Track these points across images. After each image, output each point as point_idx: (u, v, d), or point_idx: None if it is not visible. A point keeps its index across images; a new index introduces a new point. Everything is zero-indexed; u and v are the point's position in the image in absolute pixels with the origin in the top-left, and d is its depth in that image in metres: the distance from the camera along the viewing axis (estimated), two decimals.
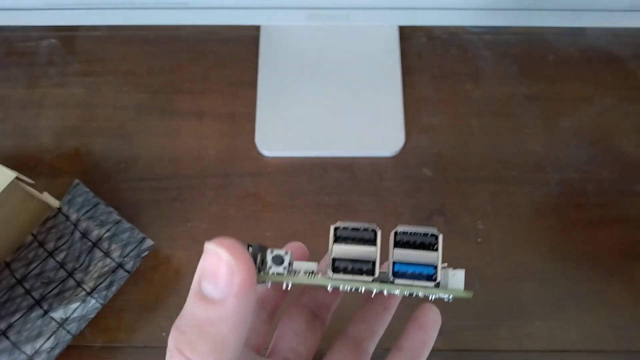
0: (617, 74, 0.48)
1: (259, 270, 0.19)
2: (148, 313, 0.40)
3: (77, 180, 0.43)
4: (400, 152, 0.45)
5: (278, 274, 0.18)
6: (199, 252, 0.21)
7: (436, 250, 0.19)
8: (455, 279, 0.19)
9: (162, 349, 0.22)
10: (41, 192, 0.40)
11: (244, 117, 0.46)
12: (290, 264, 0.19)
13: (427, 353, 0.26)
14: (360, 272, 0.18)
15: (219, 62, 0.49)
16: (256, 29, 0.49)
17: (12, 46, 0.50)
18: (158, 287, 0.41)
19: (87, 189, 0.43)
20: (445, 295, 0.19)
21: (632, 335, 0.39)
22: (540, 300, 0.40)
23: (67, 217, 0.41)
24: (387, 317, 0.27)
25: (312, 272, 0.19)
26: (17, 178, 0.37)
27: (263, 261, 0.19)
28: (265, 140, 0.45)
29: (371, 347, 0.27)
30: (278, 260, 0.18)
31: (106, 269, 0.40)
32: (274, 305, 0.26)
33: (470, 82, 0.48)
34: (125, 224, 0.41)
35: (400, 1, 0.46)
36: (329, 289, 0.19)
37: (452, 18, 0.48)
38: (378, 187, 0.44)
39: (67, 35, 0.50)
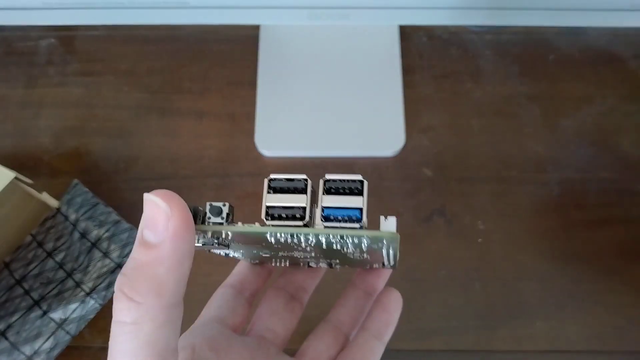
0: (618, 74, 0.48)
1: (203, 222, 0.20)
2: None
3: (76, 180, 0.43)
4: (401, 152, 0.45)
5: (216, 223, 0.20)
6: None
7: (362, 195, 0.20)
8: (387, 224, 0.20)
9: None
10: (40, 192, 0.40)
11: (244, 117, 0.46)
12: (228, 215, 0.20)
13: (390, 331, 0.27)
14: (292, 218, 0.20)
15: (218, 61, 0.49)
16: (256, 28, 0.49)
17: (11, 46, 0.50)
18: None
19: (86, 189, 0.42)
20: (377, 244, 0.20)
21: (633, 335, 0.39)
22: (540, 300, 0.40)
23: (66, 217, 0.41)
24: (368, 303, 0.28)
25: (253, 224, 0.20)
26: (16, 178, 0.37)
27: (206, 214, 0.20)
28: (265, 140, 0.45)
29: (351, 332, 0.28)
30: (216, 211, 0.20)
31: (105, 269, 0.40)
32: (252, 290, 0.28)
33: (470, 82, 0.48)
34: (125, 224, 0.41)
35: (400, 0, 0.46)
36: (269, 238, 0.20)
37: (453, 17, 0.48)
38: (378, 187, 0.44)
39: (67, 35, 0.50)
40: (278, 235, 0.20)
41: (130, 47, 0.50)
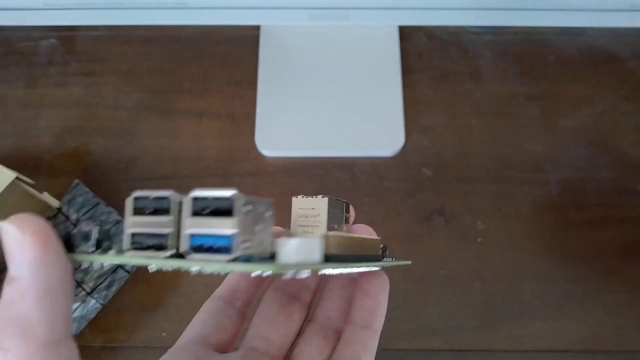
0: (617, 74, 0.48)
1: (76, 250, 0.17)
2: (148, 313, 0.40)
3: (77, 181, 0.43)
4: (400, 152, 0.45)
5: (84, 252, 0.17)
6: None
7: (232, 215, 0.15)
8: (288, 249, 0.15)
9: (162, 349, 0.22)
10: (41, 192, 0.40)
11: (244, 117, 0.46)
12: (100, 241, 0.17)
13: (380, 320, 0.24)
14: (158, 247, 0.16)
15: (218, 62, 0.49)
16: (256, 28, 0.49)
17: (12, 46, 0.50)
18: (158, 288, 0.41)
19: (87, 189, 0.43)
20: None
21: (632, 335, 0.39)
22: (540, 300, 0.40)
23: (67, 217, 0.41)
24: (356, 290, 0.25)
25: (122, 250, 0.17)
26: (17, 178, 0.37)
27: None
28: (265, 140, 0.45)
29: (343, 325, 0.24)
30: (81, 236, 0.17)
31: (106, 269, 0.40)
32: (245, 299, 0.24)
33: (470, 82, 0.48)
34: None
35: (400, 1, 0.47)
36: (149, 269, 0.16)
37: (452, 18, 0.48)
38: (378, 187, 0.44)
39: (67, 35, 0.50)
40: (157, 266, 0.16)
41: (131, 47, 0.50)
